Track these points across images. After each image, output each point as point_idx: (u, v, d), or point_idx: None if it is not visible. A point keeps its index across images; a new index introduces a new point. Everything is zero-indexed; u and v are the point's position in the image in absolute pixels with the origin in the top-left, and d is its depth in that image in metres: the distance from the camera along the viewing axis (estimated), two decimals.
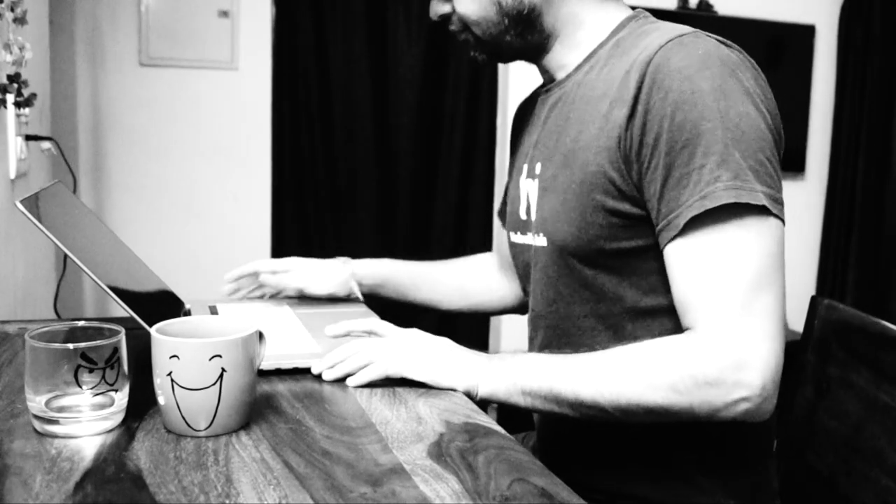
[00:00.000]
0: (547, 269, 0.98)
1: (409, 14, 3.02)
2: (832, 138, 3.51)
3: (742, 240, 0.81)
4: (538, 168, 1.01)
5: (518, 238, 1.07)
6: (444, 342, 0.93)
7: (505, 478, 0.66)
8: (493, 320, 3.20)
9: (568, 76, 1.01)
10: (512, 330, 3.11)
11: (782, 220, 0.83)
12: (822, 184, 3.55)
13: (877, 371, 0.95)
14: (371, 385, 0.88)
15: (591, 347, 0.90)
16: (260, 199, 2.94)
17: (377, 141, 3.04)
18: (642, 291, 0.91)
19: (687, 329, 0.85)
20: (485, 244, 3.11)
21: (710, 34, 0.88)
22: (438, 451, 0.70)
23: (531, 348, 1.06)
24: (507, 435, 0.76)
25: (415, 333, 0.95)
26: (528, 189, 1.03)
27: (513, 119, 1.22)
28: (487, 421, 0.79)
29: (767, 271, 0.81)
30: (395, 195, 3.09)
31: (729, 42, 0.87)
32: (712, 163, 0.81)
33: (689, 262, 0.84)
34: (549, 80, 1.06)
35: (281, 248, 2.96)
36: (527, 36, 1.00)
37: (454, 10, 1.02)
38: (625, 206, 0.88)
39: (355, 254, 1.31)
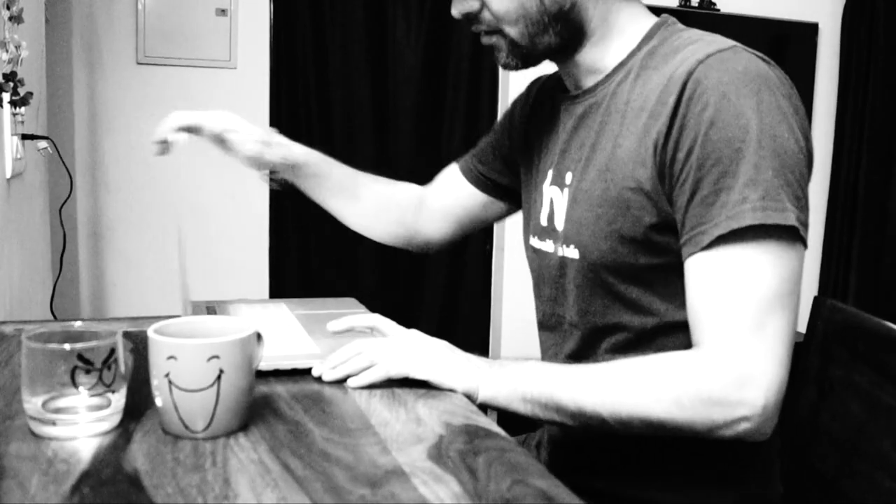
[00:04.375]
0: (578, 281, 0.96)
1: (408, 12, 3.01)
2: (835, 137, 3.51)
3: (761, 261, 0.80)
4: (568, 177, 0.98)
5: (537, 243, 1.05)
6: (445, 345, 0.92)
7: (505, 479, 0.65)
8: (494, 325, 3.19)
9: (597, 85, 0.97)
10: (512, 335, 3.09)
11: (805, 244, 0.82)
12: (825, 183, 3.54)
13: (880, 372, 0.95)
14: (370, 386, 0.87)
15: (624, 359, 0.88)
16: (258, 198, 2.93)
17: (376, 140, 3.03)
18: (676, 305, 0.90)
19: (695, 344, 0.84)
20: (485, 243, 3.10)
21: (748, 49, 0.86)
22: (438, 453, 0.70)
23: (554, 355, 1.04)
24: (508, 436, 0.75)
25: (415, 334, 0.94)
26: (553, 196, 1.01)
27: (521, 104, 1.15)
28: (487, 422, 0.78)
29: (782, 295, 0.80)
30: None
31: (767, 58, 0.86)
32: (742, 182, 0.80)
33: (705, 278, 0.83)
34: (573, 85, 1.02)
35: (279, 247, 2.95)
36: (564, 34, 0.94)
37: (484, 7, 0.93)
38: (660, 221, 0.87)
39: (357, 255, 1.30)
